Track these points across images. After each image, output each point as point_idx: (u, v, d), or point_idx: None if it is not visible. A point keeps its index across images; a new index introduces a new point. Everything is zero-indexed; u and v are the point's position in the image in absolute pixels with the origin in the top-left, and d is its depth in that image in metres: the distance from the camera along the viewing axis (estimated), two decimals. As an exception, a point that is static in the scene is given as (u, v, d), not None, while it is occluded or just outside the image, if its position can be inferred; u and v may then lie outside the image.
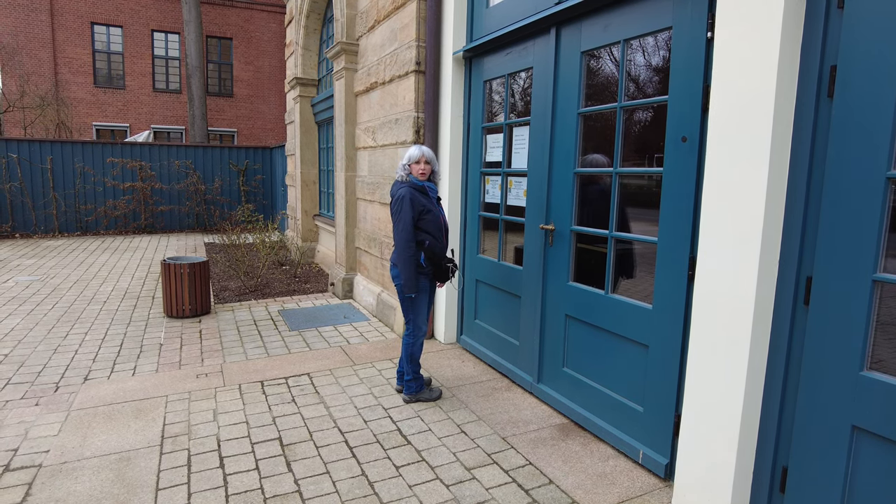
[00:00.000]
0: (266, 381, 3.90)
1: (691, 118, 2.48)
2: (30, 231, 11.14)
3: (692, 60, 2.46)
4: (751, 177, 2.11)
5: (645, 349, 2.81)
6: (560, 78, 3.32)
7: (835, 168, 1.94)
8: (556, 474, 2.76)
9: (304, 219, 8.95)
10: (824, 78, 1.97)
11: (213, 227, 12.69)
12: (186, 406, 3.48)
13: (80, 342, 4.68)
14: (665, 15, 2.61)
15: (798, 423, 2.10)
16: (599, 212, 3.11)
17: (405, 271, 3.33)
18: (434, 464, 2.85)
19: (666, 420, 2.70)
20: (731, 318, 2.22)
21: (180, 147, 12.44)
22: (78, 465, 2.77)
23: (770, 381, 2.20)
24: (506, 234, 4.06)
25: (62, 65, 17.38)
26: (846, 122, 1.90)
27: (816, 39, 1.97)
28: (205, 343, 4.72)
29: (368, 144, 5.70)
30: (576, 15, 3.15)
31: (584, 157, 3.24)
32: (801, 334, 2.09)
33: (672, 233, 2.61)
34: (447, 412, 3.44)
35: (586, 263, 3.28)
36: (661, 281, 2.68)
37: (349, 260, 6.37)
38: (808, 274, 2.06)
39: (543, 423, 3.32)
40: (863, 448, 1.91)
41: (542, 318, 3.60)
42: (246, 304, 6.08)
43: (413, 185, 3.40)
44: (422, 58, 4.55)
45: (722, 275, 2.25)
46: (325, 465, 2.83)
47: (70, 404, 3.48)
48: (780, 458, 2.19)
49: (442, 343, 4.75)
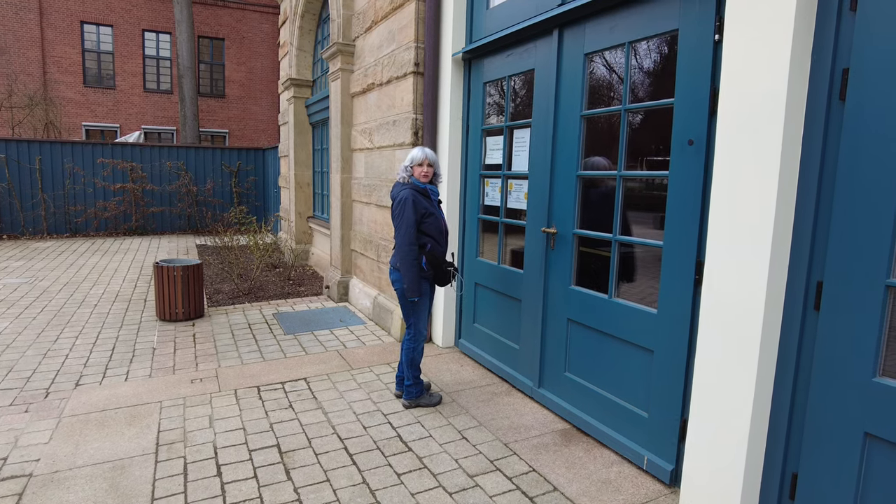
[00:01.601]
0: (262, 386, 3.84)
1: (698, 121, 2.46)
2: (18, 232, 10.96)
3: (699, 63, 2.44)
4: (760, 181, 2.09)
5: (650, 354, 2.78)
6: (563, 80, 3.30)
7: (847, 172, 1.92)
8: (560, 481, 2.72)
9: (297, 221, 8.87)
10: (836, 81, 1.95)
11: (205, 229, 12.55)
12: (181, 412, 3.41)
13: (70, 346, 4.59)
14: (671, 17, 2.58)
15: (808, 429, 2.07)
16: (603, 215, 3.08)
17: (408, 274, 3.27)
18: (436, 471, 2.80)
19: (671, 426, 2.67)
20: (740, 324, 2.19)
21: (172, 148, 12.30)
22: (70, 475, 2.70)
23: (779, 386, 2.17)
24: (505, 237, 4.02)
25: (51, 64, 17.17)
26: (859, 125, 1.88)
27: (828, 42, 1.95)
28: (199, 347, 4.64)
29: (365, 146, 5.65)
30: (580, 17, 3.12)
31: (586, 159, 3.21)
32: (811, 340, 2.07)
33: (678, 237, 2.59)
34: (448, 418, 3.39)
35: (589, 267, 3.25)
36: (666, 285, 2.66)
37: (345, 263, 6.30)
38: (819, 279, 2.03)
39: (545, 428, 3.28)
40: (875, 456, 1.89)
41: (543, 322, 3.56)
42: (240, 308, 6.00)
43: (415, 187, 3.35)
44: (420, 59, 4.51)
45: (730, 279, 2.22)
46: (325, 472, 2.77)
47: (61, 411, 3.39)
48: (790, 464, 2.16)
49: (440, 347, 4.70)
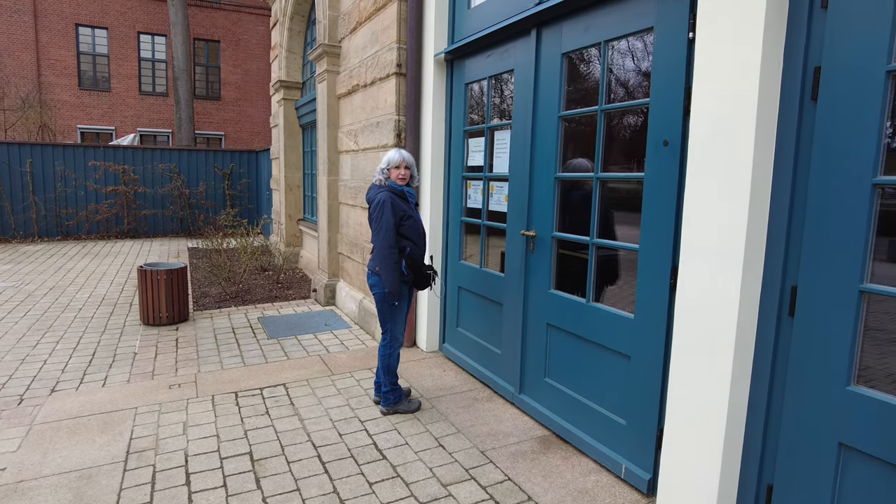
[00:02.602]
0: (240, 391, 3.77)
1: (673, 121, 2.40)
2: (8, 236, 10.90)
3: (673, 62, 2.38)
4: (733, 182, 2.03)
5: (627, 360, 2.72)
6: (541, 80, 3.24)
7: (819, 173, 1.86)
8: (536, 490, 2.66)
9: (287, 223, 8.81)
10: (808, 79, 1.89)
11: (197, 232, 12.48)
12: (156, 419, 3.35)
13: (50, 351, 4.53)
14: (647, 15, 2.53)
15: (783, 439, 2.01)
16: (581, 218, 3.02)
17: (388, 277, 3.21)
18: (409, 480, 2.74)
19: (649, 434, 2.61)
20: (714, 329, 2.13)
21: (164, 150, 12.24)
22: (35, 485, 2.63)
23: (754, 395, 2.11)
24: (488, 240, 3.96)
25: (46, 67, 17.12)
26: (831, 125, 1.83)
27: (800, 40, 1.89)
28: (180, 352, 4.58)
29: (351, 148, 5.59)
30: (556, 15, 3.06)
31: (567, 161, 3.15)
32: (786, 346, 2.01)
33: (653, 240, 2.53)
34: (425, 424, 3.33)
35: (568, 271, 3.19)
36: (642, 290, 2.60)
37: (332, 266, 6.24)
38: (794, 283, 1.97)
39: (524, 435, 3.22)
40: (850, 466, 1.83)
41: (523, 326, 3.50)
42: (226, 311, 5.93)
43: (392, 189, 3.30)
44: (403, 60, 4.45)
45: (704, 283, 2.16)
46: (295, 481, 2.71)
47: (33, 418, 3.33)
48: (766, 475, 2.10)
49: (424, 351, 4.64)
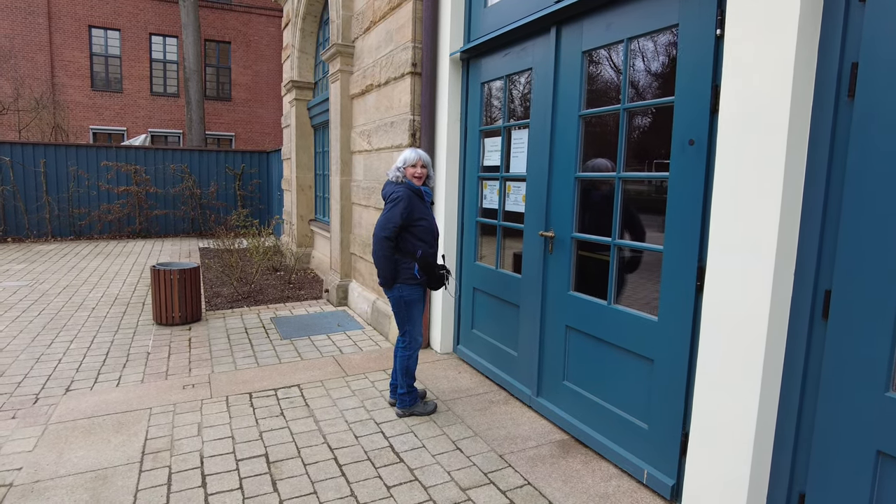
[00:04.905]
0: (254, 392, 3.75)
1: (699, 120, 2.35)
2: (22, 235, 10.99)
3: (700, 59, 2.33)
4: (765, 183, 1.98)
5: (650, 363, 2.67)
6: (560, 79, 3.20)
7: (857, 173, 1.81)
8: (556, 495, 2.61)
9: (299, 224, 8.81)
10: (844, 76, 1.84)
11: (208, 232, 12.53)
12: (170, 419, 3.33)
13: (64, 350, 4.53)
14: (671, 12, 2.48)
15: (816, 446, 1.96)
16: (602, 218, 2.98)
17: (378, 265, 3.23)
18: (427, 484, 2.70)
19: (672, 439, 2.55)
20: (744, 333, 2.08)
21: (176, 151, 12.30)
22: (51, 485, 2.62)
23: (785, 400, 2.05)
24: (504, 241, 3.92)
25: (59, 68, 17.28)
26: (868, 123, 1.77)
27: (836, 35, 1.84)
28: (193, 352, 4.57)
29: (364, 148, 5.57)
30: (577, 13, 3.02)
31: (587, 161, 3.10)
32: (818, 351, 1.95)
33: (679, 241, 2.47)
34: (442, 427, 3.29)
35: (588, 272, 3.14)
36: (666, 291, 2.54)
37: (344, 266, 6.22)
38: (827, 287, 1.92)
39: (542, 439, 3.17)
40: (889, 475, 1.77)
41: (541, 328, 3.45)
42: (238, 312, 5.93)
43: (410, 187, 3.26)
44: (418, 59, 4.42)
45: (733, 286, 2.11)
46: (312, 484, 2.68)
47: (48, 417, 3.33)
48: (797, 483, 2.04)
49: (438, 353, 4.60)
